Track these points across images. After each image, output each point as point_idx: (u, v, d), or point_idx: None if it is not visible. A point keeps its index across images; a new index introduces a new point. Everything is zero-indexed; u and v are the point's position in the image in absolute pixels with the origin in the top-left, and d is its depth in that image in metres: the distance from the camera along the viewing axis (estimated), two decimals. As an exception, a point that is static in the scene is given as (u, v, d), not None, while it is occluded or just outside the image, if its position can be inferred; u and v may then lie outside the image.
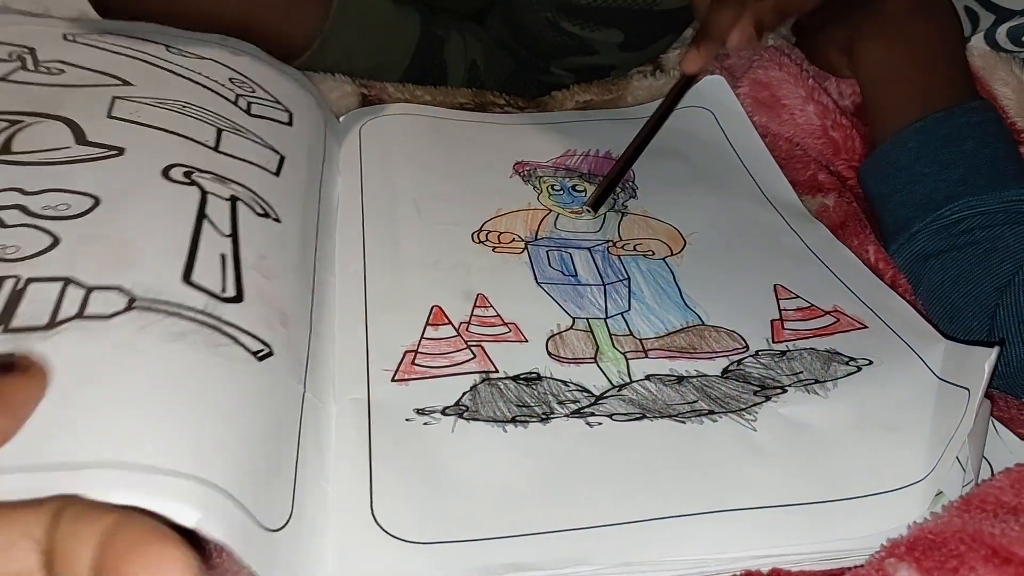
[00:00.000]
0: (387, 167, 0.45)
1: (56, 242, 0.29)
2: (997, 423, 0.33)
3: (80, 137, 0.34)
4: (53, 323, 0.27)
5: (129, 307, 0.28)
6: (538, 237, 0.41)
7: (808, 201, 0.45)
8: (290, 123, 0.43)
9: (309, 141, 0.43)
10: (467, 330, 0.35)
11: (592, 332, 0.36)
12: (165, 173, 0.34)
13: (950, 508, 0.28)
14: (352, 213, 0.41)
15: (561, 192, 0.45)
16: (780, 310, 0.38)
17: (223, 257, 0.31)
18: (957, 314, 0.40)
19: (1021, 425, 0.34)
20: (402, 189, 0.43)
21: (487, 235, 0.41)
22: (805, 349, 0.35)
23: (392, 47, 0.54)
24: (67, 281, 0.28)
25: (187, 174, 0.34)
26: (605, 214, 0.44)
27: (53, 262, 0.29)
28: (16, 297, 0.27)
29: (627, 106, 0.53)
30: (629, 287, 0.39)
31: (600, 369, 0.34)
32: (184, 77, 0.41)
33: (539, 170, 0.47)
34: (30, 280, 0.28)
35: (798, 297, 0.38)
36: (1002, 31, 0.48)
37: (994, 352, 0.30)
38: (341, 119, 0.48)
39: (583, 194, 0.45)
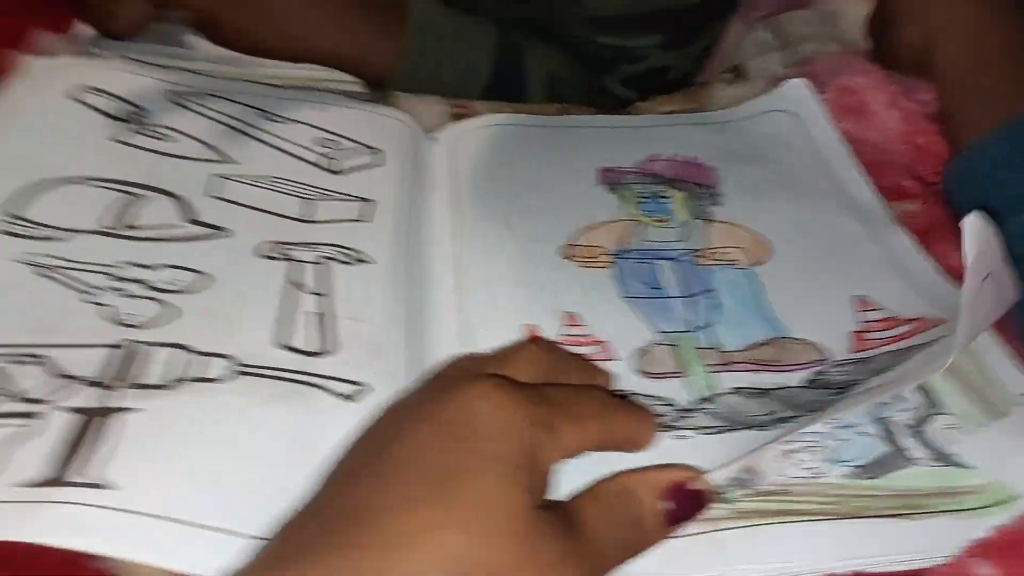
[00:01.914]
0: (478, 182, 0.47)
1: (171, 312, 0.35)
2: None
3: (188, 215, 0.40)
4: (173, 383, 0.32)
5: (233, 372, 0.32)
6: (624, 249, 0.43)
7: (893, 207, 0.45)
8: (380, 162, 0.46)
9: (402, 171, 0.46)
10: (559, 350, 0.37)
11: (678, 346, 0.37)
12: (260, 251, 0.39)
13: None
14: (448, 232, 0.43)
15: (646, 200, 0.47)
16: (861, 321, 0.39)
17: (313, 315, 0.36)
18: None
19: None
20: (493, 204, 0.45)
21: (574, 250, 0.42)
22: (886, 353, 0.36)
23: (472, 55, 0.55)
24: (182, 348, 0.33)
25: (278, 250, 0.39)
26: (690, 221, 0.45)
27: (170, 330, 0.34)
28: (142, 359, 0.32)
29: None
30: (714, 299, 0.40)
31: (687, 384, 0.36)
32: (277, 148, 0.45)
33: (624, 177, 0.48)
34: (152, 344, 0.33)
35: (879, 308, 0.39)
36: None
37: None
38: (433, 136, 0.50)
39: (668, 200, 0.47)
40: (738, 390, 0.35)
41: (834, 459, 0.32)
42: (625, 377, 0.36)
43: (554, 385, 0.30)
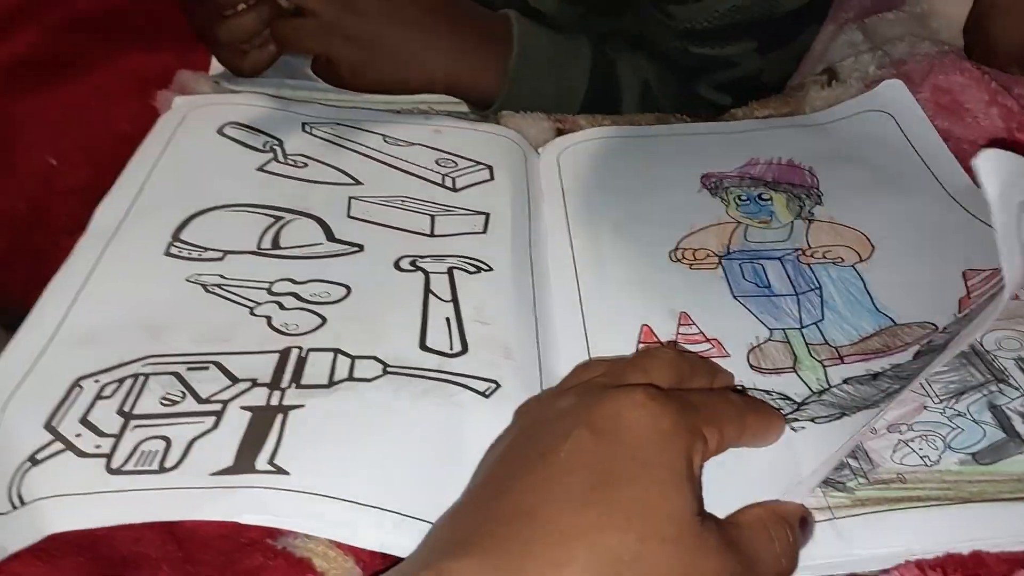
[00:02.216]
0: (586, 191, 0.49)
1: (324, 321, 0.38)
2: None
3: (329, 235, 0.44)
4: (331, 383, 0.35)
5: (384, 372, 0.36)
6: (730, 251, 0.45)
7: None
8: (492, 178, 0.49)
9: (512, 185, 0.49)
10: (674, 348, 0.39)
11: (789, 342, 0.39)
12: (396, 264, 0.42)
13: None
14: (562, 239, 0.46)
15: (748, 202, 0.49)
16: (968, 287, 0.40)
17: (448, 320, 0.39)
18: None
19: None
20: (602, 212, 0.48)
21: (683, 253, 0.45)
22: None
23: (571, 72, 0.58)
24: (336, 352, 0.37)
25: (412, 262, 0.43)
26: (793, 222, 0.47)
27: (324, 337, 0.37)
28: (302, 362, 0.36)
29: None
30: (821, 296, 0.42)
31: (800, 378, 0.37)
32: (400, 170, 0.49)
33: (725, 181, 0.50)
34: (310, 350, 0.37)
35: (984, 271, 0.40)
36: None
37: None
38: (540, 151, 0.53)
39: (769, 202, 0.48)
40: (848, 380, 0.37)
41: (949, 447, 0.34)
42: (739, 373, 0.37)
43: (689, 390, 0.32)
